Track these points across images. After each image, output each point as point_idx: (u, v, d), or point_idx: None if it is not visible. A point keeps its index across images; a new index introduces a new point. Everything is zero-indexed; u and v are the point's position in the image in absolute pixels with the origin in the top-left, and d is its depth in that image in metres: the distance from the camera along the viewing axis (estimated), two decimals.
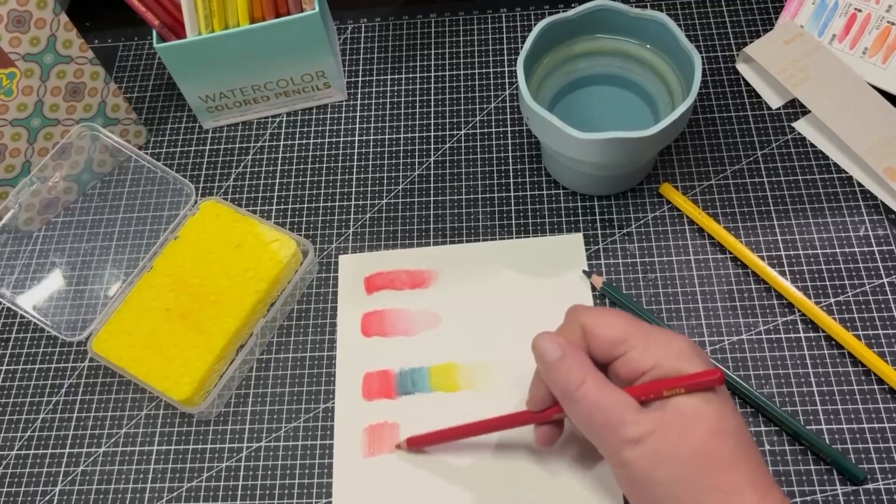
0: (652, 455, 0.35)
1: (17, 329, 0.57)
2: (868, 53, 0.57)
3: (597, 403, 0.37)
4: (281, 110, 0.63)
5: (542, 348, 0.39)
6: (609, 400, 0.37)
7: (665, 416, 0.36)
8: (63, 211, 0.60)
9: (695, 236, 0.54)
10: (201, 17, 0.55)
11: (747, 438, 0.36)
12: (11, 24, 0.51)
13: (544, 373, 0.40)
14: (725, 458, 0.35)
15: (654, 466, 0.35)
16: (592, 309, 0.41)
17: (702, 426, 0.35)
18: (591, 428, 0.38)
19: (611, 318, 0.40)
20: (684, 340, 0.38)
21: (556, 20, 0.52)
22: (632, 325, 0.39)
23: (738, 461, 0.35)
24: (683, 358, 0.37)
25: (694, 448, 0.35)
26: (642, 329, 0.39)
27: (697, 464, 0.35)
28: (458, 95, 0.62)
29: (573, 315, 0.41)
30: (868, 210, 0.54)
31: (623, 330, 0.39)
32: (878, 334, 0.49)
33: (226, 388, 0.52)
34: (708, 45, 0.62)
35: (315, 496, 0.48)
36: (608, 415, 0.37)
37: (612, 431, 0.36)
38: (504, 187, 0.58)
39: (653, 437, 0.36)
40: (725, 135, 0.58)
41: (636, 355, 0.38)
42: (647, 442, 0.36)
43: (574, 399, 0.38)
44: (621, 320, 0.39)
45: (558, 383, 0.39)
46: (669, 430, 0.35)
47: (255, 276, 0.52)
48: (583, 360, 0.38)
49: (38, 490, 0.51)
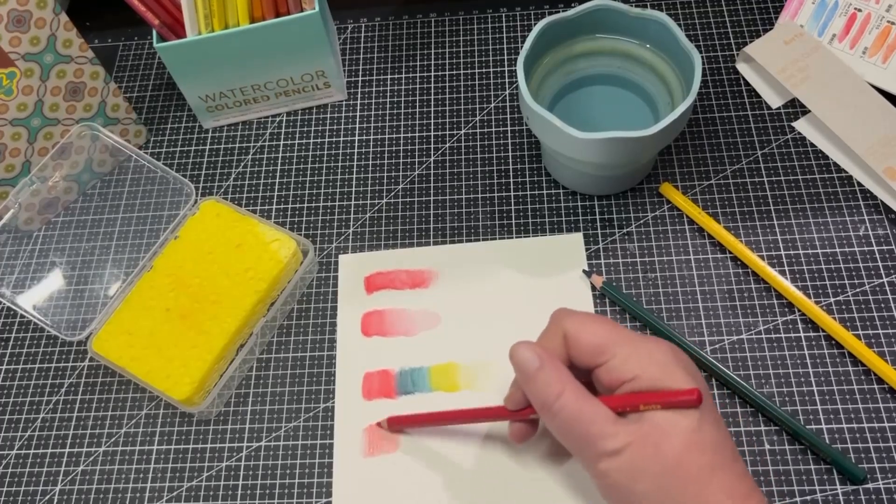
0: (628, 468, 0.35)
1: (17, 329, 0.57)
2: (868, 53, 0.57)
3: (574, 416, 0.37)
4: (281, 110, 0.63)
5: (519, 358, 0.39)
6: (586, 412, 0.37)
7: (641, 429, 0.36)
8: (63, 211, 0.60)
9: (695, 236, 0.54)
10: (201, 16, 0.55)
11: (726, 448, 0.36)
12: (11, 23, 0.51)
13: (522, 383, 0.39)
14: (701, 470, 0.35)
15: (631, 479, 0.35)
16: (576, 314, 0.40)
17: (677, 440, 0.35)
18: (568, 439, 0.38)
19: (594, 326, 0.39)
20: (668, 351, 0.38)
21: (556, 20, 0.52)
22: (615, 332, 0.39)
23: (714, 473, 0.35)
24: (665, 370, 0.37)
25: (669, 462, 0.35)
26: (625, 337, 0.38)
27: (672, 477, 0.35)
28: (458, 95, 0.62)
29: (556, 320, 0.41)
30: (868, 210, 0.54)
31: (605, 338, 0.38)
32: (878, 334, 0.49)
33: (226, 388, 0.52)
34: (708, 45, 0.62)
35: (315, 496, 0.48)
36: (586, 427, 0.36)
37: (590, 444, 0.36)
38: (504, 187, 0.58)
39: (629, 449, 0.35)
40: (725, 135, 0.58)
41: (617, 364, 0.38)
42: (623, 454, 0.36)
43: (552, 411, 0.37)
44: (604, 328, 0.39)
45: (536, 394, 0.38)
46: (645, 444, 0.35)
47: (255, 275, 0.52)
48: (560, 370, 0.38)
49: (38, 490, 0.51)
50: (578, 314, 0.40)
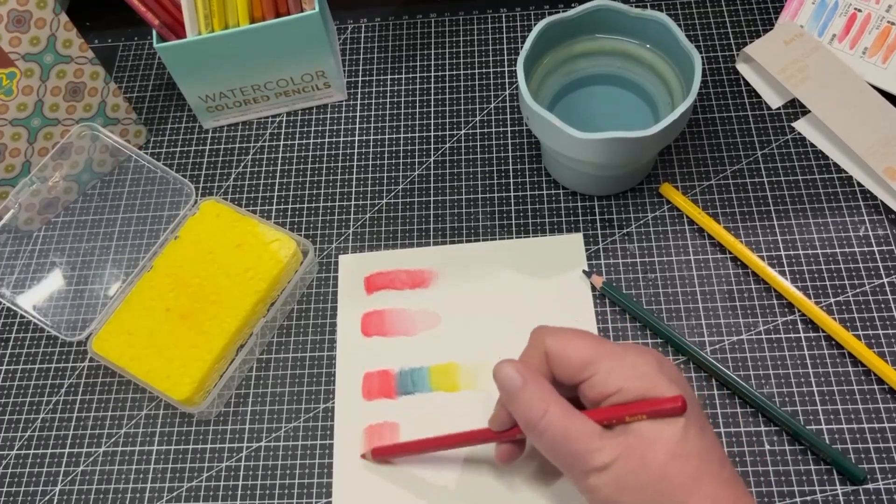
0: (615, 481, 0.35)
1: (17, 329, 0.57)
2: (868, 53, 0.57)
3: (561, 433, 0.36)
4: (281, 110, 0.63)
5: (502, 376, 0.39)
6: (573, 429, 0.36)
7: (627, 441, 0.35)
8: (63, 211, 0.60)
9: (695, 236, 0.54)
10: (201, 16, 0.55)
11: (712, 455, 0.36)
12: (11, 23, 0.51)
13: (507, 401, 0.39)
14: (685, 480, 0.35)
15: (618, 492, 0.35)
16: (557, 331, 0.40)
17: (661, 450, 0.35)
18: (556, 456, 0.37)
19: (575, 342, 0.39)
20: (651, 361, 0.37)
21: (556, 20, 0.52)
22: (597, 347, 0.38)
23: (699, 481, 0.35)
24: (648, 380, 0.36)
25: (653, 472, 0.35)
26: (608, 351, 0.38)
27: (657, 488, 0.35)
28: (458, 95, 0.62)
29: (537, 337, 0.40)
30: (868, 210, 0.54)
31: (589, 353, 0.38)
32: (878, 334, 0.49)
33: (226, 388, 0.52)
34: (708, 45, 0.62)
35: (315, 496, 0.48)
36: (573, 444, 0.36)
37: (578, 460, 0.36)
38: (504, 187, 0.58)
39: (616, 463, 0.35)
40: (725, 135, 0.58)
41: (601, 378, 0.37)
42: (611, 469, 0.35)
43: (537, 430, 0.37)
44: (586, 343, 0.38)
45: (521, 413, 0.38)
46: (631, 456, 0.35)
47: (255, 275, 0.52)
48: (544, 388, 0.38)
49: (38, 490, 0.51)
50: (559, 330, 0.40)
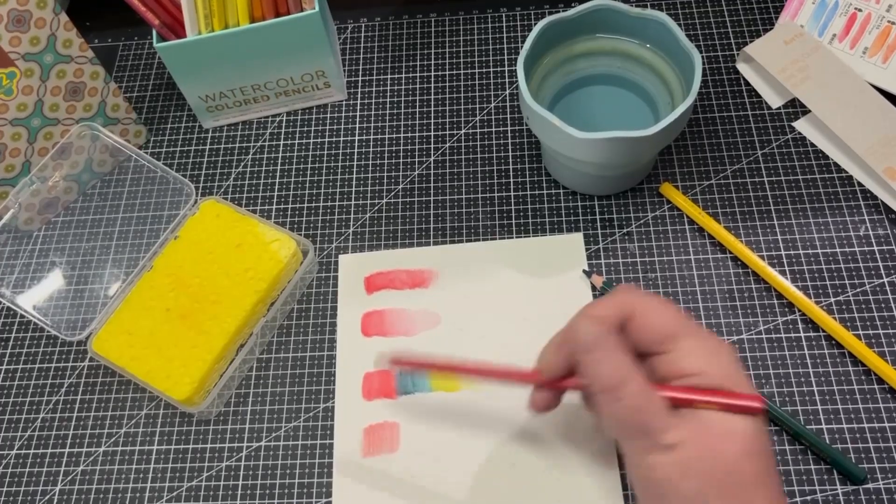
0: (680, 464, 0.34)
1: (17, 329, 0.57)
2: (868, 53, 0.57)
3: (637, 404, 0.35)
4: (281, 110, 0.63)
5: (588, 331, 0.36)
6: (651, 402, 0.35)
7: (699, 427, 0.34)
8: (63, 211, 0.60)
9: (695, 236, 0.54)
10: (201, 16, 0.55)
11: (773, 461, 0.35)
12: (11, 23, 0.51)
13: (584, 358, 0.37)
14: (752, 478, 0.34)
15: (680, 475, 0.34)
16: (645, 295, 0.37)
17: (736, 444, 0.34)
18: (621, 427, 0.36)
19: (661, 311, 0.37)
20: (732, 352, 0.36)
21: (556, 20, 0.52)
22: (682, 322, 0.37)
23: (763, 483, 0.34)
24: (731, 372, 0.35)
25: (725, 465, 0.34)
26: (692, 329, 0.36)
27: (725, 481, 0.34)
28: (458, 95, 0.62)
29: (621, 296, 0.37)
30: (868, 210, 0.54)
31: (673, 327, 0.36)
32: (878, 334, 0.49)
33: (226, 388, 0.52)
34: (708, 45, 0.62)
35: (315, 496, 0.48)
36: (645, 417, 0.35)
37: (646, 435, 0.35)
38: (504, 187, 0.58)
39: (684, 446, 0.34)
40: (725, 134, 0.58)
41: (682, 356, 0.36)
42: (677, 450, 0.34)
43: (616, 395, 0.35)
44: (672, 315, 0.37)
45: (599, 376, 0.36)
46: (701, 443, 0.34)
47: (255, 275, 0.52)
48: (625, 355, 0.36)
49: (38, 490, 0.51)
50: (648, 296, 0.38)
